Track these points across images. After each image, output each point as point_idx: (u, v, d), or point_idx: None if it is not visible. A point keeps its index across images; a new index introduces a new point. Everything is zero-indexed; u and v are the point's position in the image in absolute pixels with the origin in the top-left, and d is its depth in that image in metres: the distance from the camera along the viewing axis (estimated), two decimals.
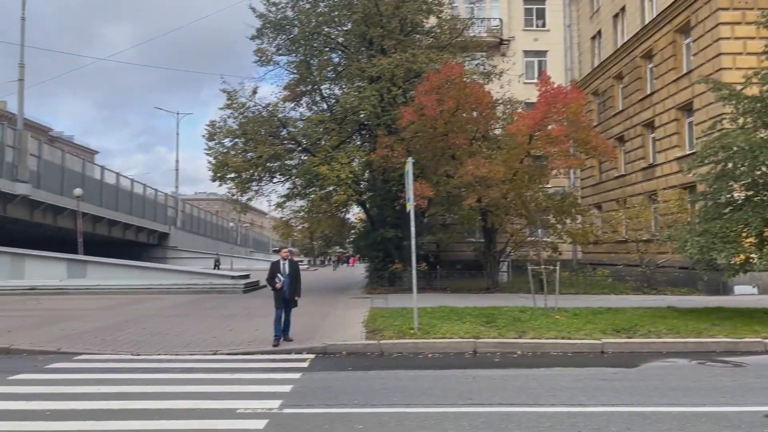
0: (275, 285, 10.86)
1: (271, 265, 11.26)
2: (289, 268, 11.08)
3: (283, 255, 11.24)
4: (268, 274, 11.09)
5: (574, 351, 10.21)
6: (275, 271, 11.00)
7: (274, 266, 11.13)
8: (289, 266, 11.09)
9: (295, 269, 11.21)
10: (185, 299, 21.00)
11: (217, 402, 6.77)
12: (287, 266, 11.06)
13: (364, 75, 22.88)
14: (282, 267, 11.02)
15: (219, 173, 22.69)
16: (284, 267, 11.02)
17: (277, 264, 11.12)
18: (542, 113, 19.11)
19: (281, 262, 11.07)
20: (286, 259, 11.12)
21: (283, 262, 11.06)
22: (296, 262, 11.74)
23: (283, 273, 10.95)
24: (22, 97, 32.64)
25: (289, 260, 11.20)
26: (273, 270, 11.04)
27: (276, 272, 10.95)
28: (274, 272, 10.98)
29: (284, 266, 11.03)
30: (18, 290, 23.79)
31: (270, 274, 11.05)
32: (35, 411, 6.43)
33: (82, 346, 10.71)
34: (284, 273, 10.96)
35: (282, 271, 10.95)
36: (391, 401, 6.81)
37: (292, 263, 11.26)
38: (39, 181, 33.06)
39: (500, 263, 23.86)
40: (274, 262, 11.24)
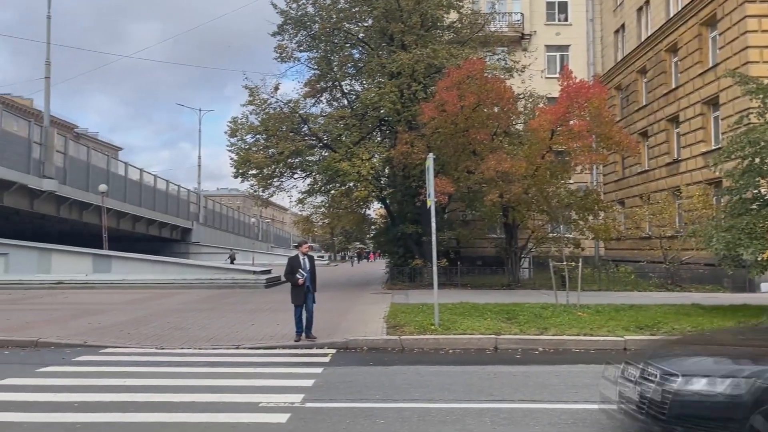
0: (297, 281, 10.51)
1: (289, 261, 10.95)
2: (310, 263, 10.84)
3: (304, 250, 10.93)
4: (287, 269, 10.76)
5: (596, 348, 10.12)
6: (295, 266, 10.65)
7: (293, 261, 10.80)
8: (309, 262, 10.85)
9: (312, 263, 10.98)
10: (208, 294, 21.24)
11: (240, 396, 6.86)
12: (307, 261, 10.79)
13: (384, 71, 22.88)
14: (302, 262, 10.71)
15: (241, 169, 22.89)
16: (304, 262, 10.73)
17: (296, 259, 10.81)
18: (564, 108, 18.93)
19: (300, 258, 10.76)
20: (306, 255, 10.86)
21: (302, 258, 10.76)
22: (313, 257, 11.44)
23: (304, 268, 10.63)
24: (48, 95, 33.19)
25: (308, 256, 10.95)
26: (292, 265, 10.71)
27: (296, 267, 10.62)
28: (294, 267, 10.64)
29: (304, 261, 10.74)
30: (46, 284, 24.26)
31: (289, 269, 10.71)
32: (63, 402, 6.56)
33: (108, 340, 10.90)
34: (305, 268, 10.64)
35: (303, 267, 10.64)
36: (413, 396, 6.84)
37: (311, 258, 11.03)
38: (65, 177, 33.61)
39: (521, 259, 23.72)
40: (293, 258, 10.94)
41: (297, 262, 10.71)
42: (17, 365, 8.90)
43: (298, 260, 10.73)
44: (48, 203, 33.05)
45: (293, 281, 10.60)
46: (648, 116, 27.24)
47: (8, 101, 61.18)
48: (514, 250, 22.69)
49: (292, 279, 10.63)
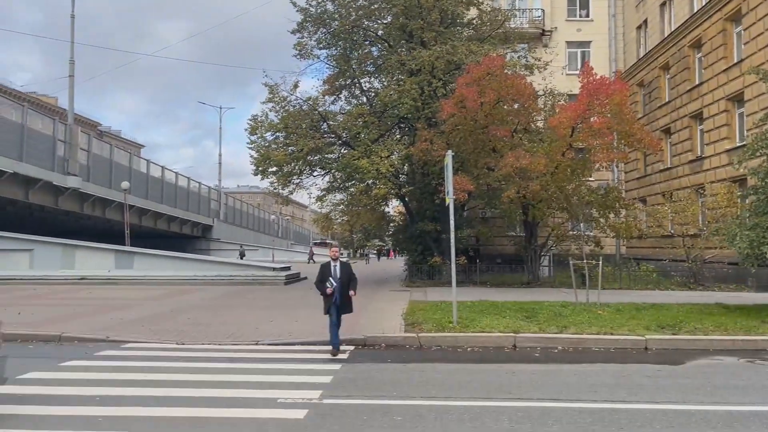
0: (326, 290, 9.51)
1: (320, 268, 9.85)
2: (341, 270, 9.67)
3: (333, 255, 9.84)
4: (318, 277, 9.72)
5: (616, 347, 10.05)
6: (326, 274, 9.62)
7: (323, 269, 9.74)
8: (340, 268, 9.68)
9: (347, 271, 9.75)
10: (228, 290, 21.41)
11: (259, 391, 6.91)
12: (338, 268, 9.66)
13: (404, 68, 22.84)
14: (333, 269, 9.63)
15: (261, 167, 23.02)
16: (335, 269, 9.63)
17: (327, 266, 9.72)
18: (584, 105, 18.75)
19: (331, 264, 9.67)
20: (336, 260, 9.74)
21: (333, 264, 9.67)
22: (348, 263, 10.22)
23: (335, 276, 9.54)
24: (72, 93, 33.66)
25: (341, 261, 9.79)
26: (323, 273, 9.68)
27: (326, 275, 9.58)
28: (324, 276, 9.62)
29: (335, 268, 9.63)
30: (70, 280, 24.64)
31: (319, 277, 9.68)
32: (86, 396, 6.67)
33: (130, 335, 11.05)
34: (335, 276, 9.55)
35: (333, 274, 9.57)
36: (430, 394, 6.83)
37: (344, 265, 9.82)
38: (88, 175, 34.10)
39: (541, 257, 23.56)
40: (324, 265, 9.83)
41: (327, 269, 9.69)
42: (41, 359, 9.06)
43: (328, 267, 9.69)
44: (72, 200, 33.57)
45: (321, 290, 9.67)
46: (671, 113, 26.87)
47: (33, 99, 62.22)
48: (534, 248, 22.55)
49: (320, 288, 9.67)
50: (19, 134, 29.02)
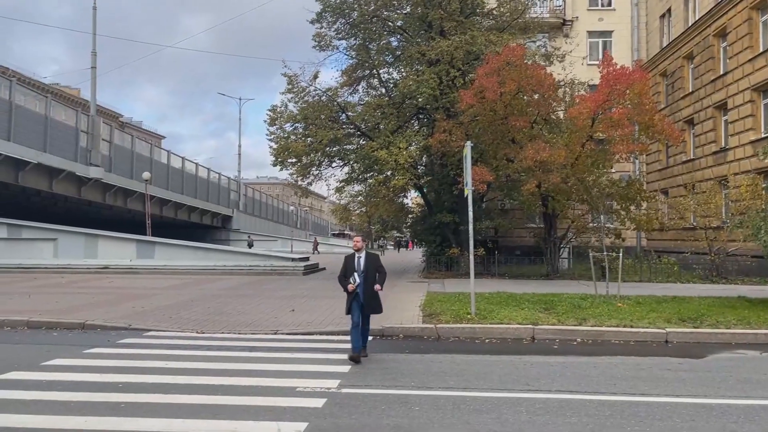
0: (347, 287, 8.31)
1: (344, 261, 8.61)
2: (366, 263, 8.40)
3: (356, 245, 8.55)
4: (341, 271, 8.53)
5: (636, 340, 9.97)
6: (349, 268, 8.43)
7: (347, 262, 8.52)
8: (365, 261, 8.42)
9: (374, 264, 8.50)
10: (247, 280, 21.59)
11: (277, 380, 6.97)
12: (363, 261, 8.41)
13: (423, 58, 22.73)
14: (357, 262, 8.42)
15: (280, 158, 23.12)
16: (359, 262, 8.41)
17: (351, 258, 8.48)
18: (604, 96, 18.54)
19: (355, 256, 8.46)
20: (361, 251, 8.48)
21: (358, 256, 8.44)
22: (375, 254, 8.95)
23: (359, 270, 8.34)
24: (95, 84, 34.05)
25: (366, 252, 8.52)
26: (346, 266, 8.49)
27: (351, 269, 8.39)
28: (348, 269, 8.45)
29: (359, 261, 8.42)
30: (92, 269, 25.04)
31: (343, 271, 8.51)
32: (109, 383, 6.78)
33: (151, 323, 11.20)
34: (359, 270, 8.34)
35: (357, 268, 8.36)
36: (448, 384, 6.85)
37: (370, 257, 8.55)
38: (110, 165, 34.54)
39: (561, 249, 23.40)
40: (348, 257, 8.58)
41: (351, 262, 8.47)
42: (65, 346, 9.22)
43: (352, 260, 8.48)
44: (95, 190, 34.04)
45: (343, 286, 8.45)
46: (694, 103, 26.44)
47: (57, 91, 63.04)
48: (553, 239, 22.39)
49: (343, 283, 8.48)
50: (43, 125, 29.46)
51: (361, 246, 8.53)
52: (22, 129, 27.85)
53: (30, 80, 59.35)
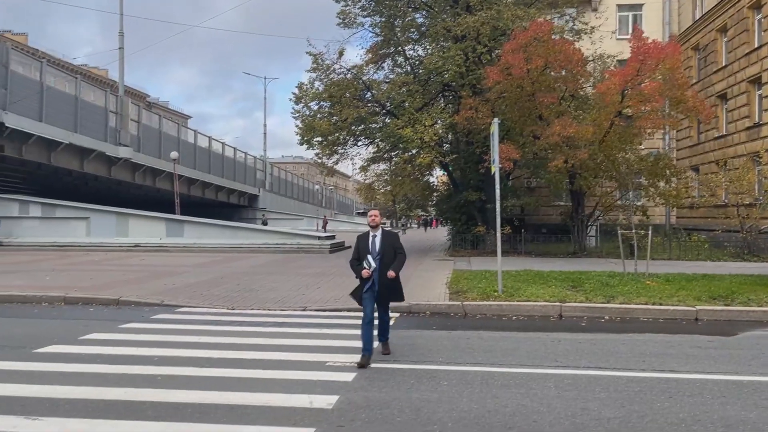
0: (361, 272, 6.90)
1: (356, 241, 7.19)
2: (382, 243, 7.01)
3: (372, 221, 7.10)
4: (353, 254, 7.15)
5: (665, 318, 9.90)
6: (362, 249, 7.02)
7: (360, 243, 7.11)
8: (381, 240, 7.02)
9: (392, 244, 7.08)
10: (274, 258, 21.86)
11: (307, 355, 7.10)
12: (378, 241, 7.02)
13: (448, 34, 22.49)
14: (371, 243, 7.01)
15: (306, 136, 23.18)
16: (374, 243, 7.00)
17: (364, 238, 7.10)
18: (634, 70, 18.18)
19: (370, 235, 7.07)
20: (376, 228, 7.08)
21: (372, 235, 7.05)
22: (394, 232, 7.81)
23: (374, 252, 6.95)
24: (122, 65, 34.43)
25: (382, 230, 7.16)
26: (358, 248, 7.08)
27: (364, 251, 7.00)
28: (360, 251, 7.03)
29: (374, 241, 7.01)
30: (124, 247, 25.58)
31: (355, 254, 7.10)
32: (144, 356, 6.99)
33: (183, 300, 11.44)
34: (375, 252, 6.94)
35: (371, 249, 6.97)
36: (476, 360, 6.91)
37: (387, 236, 7.18)
38: (139, 145, 35.05)
39: (588, 227, 23.20)
40: (361, 236, 7.19)
41: (365, 242, 7.07)
42: (102, 321, 9.49)
43: (366, 240, 7.08)
44: (124, 170, 34.61)
45: (357, 272, 7.05)
46: (727, 77, 25.78)
47: (85, 72, 63.79)
48: (581, 217, 22.20)
49: (355, 269, 7.07)
50: (73, 106, 29.96)
51: (378, 222, 7.08)
52: (53, 110, 28.36)
53: (60, 61, 60.12)
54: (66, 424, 4.65)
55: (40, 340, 7.82)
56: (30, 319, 9.69)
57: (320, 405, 5.18)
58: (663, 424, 4.76)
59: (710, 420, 4.86)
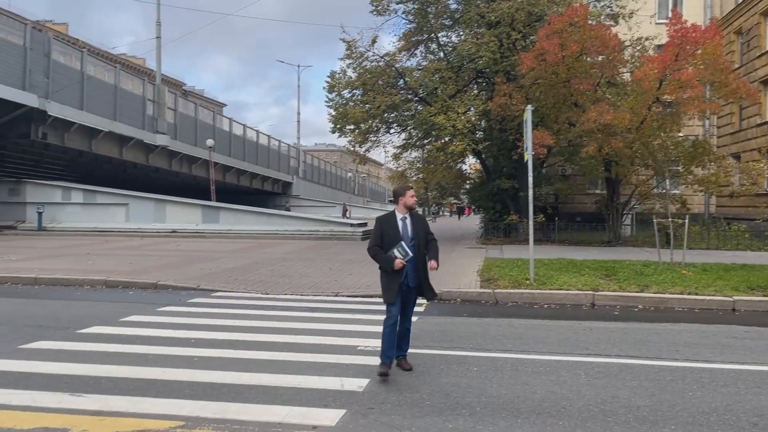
0: (395, 262, 5.65)
1: (377, 224, 5.94)
2: (414, 227, 5.88)
3: (408, 202, 5.90)
4: (373, 239, 5.91)
5: (701, 307, 9.75)
6: (390, 234, 5.78)
7: (384, 226, 5.88)
8: (413, 225, 5.89)
9: (423, 229, 6.00)
10: (307, 245, 22.10)
11: (339, 339, 7.22)
12: (410, 225, 5.87)
13: (482, 20, 22.26)
14: (402, 227, 5.83)
15: (338, 124, 23.30)
16: (405, 227, 5.85)
17: (390, 221, 5.88)
18: (672, 55, 17.73)
19: (398, 218, 5.87)
20: (412, 210, 5.96)
21: (401, 217, 5.88)
22: (422, 215, 6.76)
23: (406, 237, 5.79)
24: (159, 54, 35.00)
25: (411, 214, 5.96)
26: (383, 232, 5.84)
27: (391, 237, 5.76)
28: (388, 237, 5.79)
29: (405, 225, 5.85)
30: (162, 233, 26.17)
31: (376, 239, 5.86)
32: (182, 338, 7.20)
33: (218, 284, 11.70)
34: (408, 237, 5.80)
35: (404, 234, 5.79)
36: (506, 347, 6.93)
37: (418, 219, 6.03)
38: (175, 133, 35.67)
39: (623, 216, 22.83)
40: (384, 219, 5.97)
41: (392, 225, 5.84)
42: (140, 304, 9.78)
43: (392, 222, 5.86)
44: (161, 157, 35.29)
45: (382, 262, 5.81)
46: None
47: (124, 61, 64.97)
48: (616, 206, 21.86)
49: (380, 259, 5.82)
50: (112, 95, 30.62)
51: (414, 204, 5.96)
52: (94, 98, 29.03)
53: (99, 51, 61.33)
54: (108, 401, 4.85)
55: (83, 321, 8.12)
56: (73, 302, 10.04)
57: (351, 388, 5.29)
58: (694, 413, 4.74)
59: (743, 410, 4.82)
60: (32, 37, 25.87)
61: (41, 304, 9.77)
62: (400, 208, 5.94)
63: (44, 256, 16.56)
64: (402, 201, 5.95)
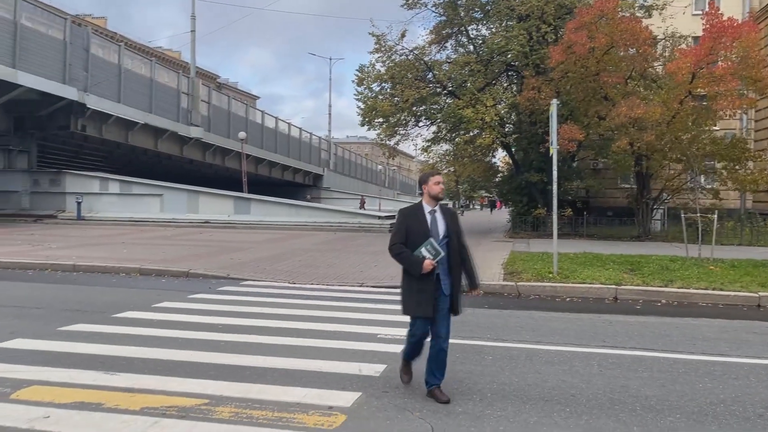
0: (423, 263, 4.65)
1: (401, 218, 4.95)
2: (445, 222, 4.87)
3: (434, 190, 4.85)
4: (394, 237, 4.87)
5: (725, 303, 9.71)
6: (417, 231, 4.77)
7: (409, 221, 4.87)
8: (444, 220, 4.88)
9: (455, 226, 4.94)
10: (336, 236, 22.42)
11: (361, 327, 7.46)
12: (440, 219, 4.86)
13: (512, 13, 22.20)
14: (431, 222, 4.82)
15: (367, 117, 23.52)
16: (435, 222, 4.84)
17: (417, 214, 4.86)
18: (707, 49, 17.48)
19: (425, 212, 4.84)
20: (439, 202, 4.91)
21: (430, 211, 4.85)
22: (453, 209, 5.71)
23: (436, 234, 4.78)
24: (194, 47, 35.72)
25: (441, 207, 4.94)
26: (407, 229, 4.83)
27: (418, 233, 4.76)
28: (410, 235, 4.79)
29: (434, 219, 4.84)
30: (194, 223, 26.81)
31: (398, 236, 4.82)
32: (210, 324, 7.51)
33: (247, 274, 12.05)
34: (438, 235, 4.79)
35: (433, 231, 4.78)
36: (523, 338, 7.07)
37: (448, 213, 5.01)
38: (209, 125, 36.35)
39: (653, 211, 22.59)
40: (408, 211, 4.98)
41: (417, 219, 4.84)
42: (172, 291, 10.16)
43: (419, 216, 4.85)
44: (195, 149, 36.02)
45: (408, 264, 4.78)
46: None
47: (159, 54, 66.17)
48: (646, 200, 21.65)
49: (405, 260, 4.77)
50: (148, 88, 31.35)
51: (441, 194, 4.95)
52: (130, 91, 29.80)
53: (135, 44, 62.59)
54: (139, 380, 5.15)
55: (118, 306, 8.51)
56: (109, 288, 10.48)
57: (368, 372, 5.51)
58: (702, 404, 4.83)
59: (751, 401, 4.89)
60: (72, 32, 26.66)
61: (79, 289, 10.24)
62: (426, 198, 4.88)
63: (82, 244, 17.18)
64: (425, 189, 4.89)
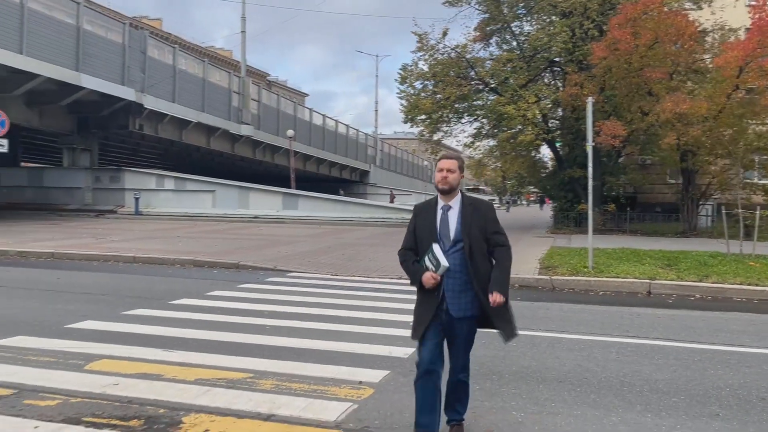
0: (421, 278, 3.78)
1: (414, 215, 4.01)
2: (462, 222, 3.76)
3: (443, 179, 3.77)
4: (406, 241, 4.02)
5: (760, 298, 9.78)
6: (424, 235, 3.83)
7: (419, 219, 3.92)
8: (458, 219, 3.77)
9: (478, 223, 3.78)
10: (380, 231, 22.98)
11: (394, 315, 7.94)
12: (453, 219, 3.79)
13: (555, 10, 22.23)
14: (441, 221, 3.80)
15: (410, 115, 23.95)
16: (445, 221, 3.79)
17: (426, 212, 3.91)
18: (754, 43, 17.20)
19: (438, 208, 3.83)
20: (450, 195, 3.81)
21: (442, 207, 3.82)
22: (485, 203, 4.08)
23: (446, 238, 3.77)
24: (244, 47, 36.85)
25: (464, 198, 3.85)
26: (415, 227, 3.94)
27: (426, 234, 3.81)
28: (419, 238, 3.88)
29: (446, 219, 3.80)
30: (245, 218, 27.83)
31: (410, 239, 3.96)
32: (257, 311, 8.15)
33: (293, 266, 12.70)
34: (448, 239, 3.77)
35: (442, 234, 3.78)
36: (549, 327, 7.43)
37: (471, 209, 3.82)
38: (259, 123, 37.44)
39: (699, 206, 22.28)
40: (421, 207, 4.03)
41: (426, 218, 3.88)
42: (223, 281, 10.89)
43: (428, 214, 3.88)
44: (246, 147, 37.18)
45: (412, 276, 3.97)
46: None
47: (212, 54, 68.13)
48: (691, 196, 21.40)
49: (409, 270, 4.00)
50: (200, 87, 32.58)
51: (455, 185, 3.81)
52: (184, 91, 31.05)
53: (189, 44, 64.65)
54: (191, 356, 5.78)
55: (174, 294, 9.26)
56: (166, 278, 11.30)
57: (397, 354, 6.00)
58: (708, 387, 5.13)
59: (756, 386, 5.16)
60: (130, 35, 27.99)
61: (139, 279, 11.08)
62: (443, 187, 3.82)
63: (141, 237, 18.24)
64: (436, 181, 3.88)
